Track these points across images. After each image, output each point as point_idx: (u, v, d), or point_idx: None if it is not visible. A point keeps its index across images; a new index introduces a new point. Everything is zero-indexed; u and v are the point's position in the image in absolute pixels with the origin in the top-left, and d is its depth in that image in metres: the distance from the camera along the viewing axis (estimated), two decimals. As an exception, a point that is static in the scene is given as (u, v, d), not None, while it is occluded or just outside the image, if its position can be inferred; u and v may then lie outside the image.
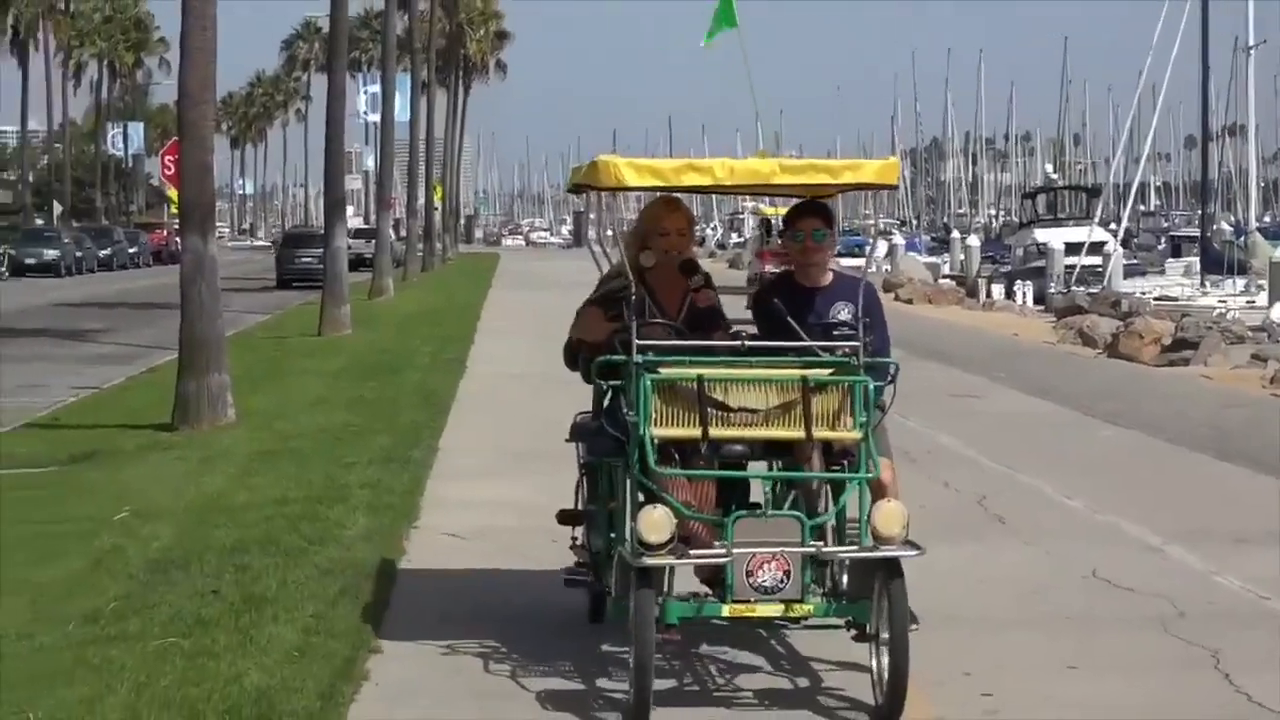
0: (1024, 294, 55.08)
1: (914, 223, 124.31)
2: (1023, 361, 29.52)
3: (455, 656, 9.14)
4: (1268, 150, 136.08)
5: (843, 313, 8.93)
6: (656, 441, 8.23)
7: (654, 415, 8.25)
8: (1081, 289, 49.92)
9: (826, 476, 8.51)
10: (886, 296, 50.56)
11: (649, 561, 7.95)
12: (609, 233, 9.31)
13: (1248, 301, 49.52)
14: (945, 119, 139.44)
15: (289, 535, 12.32)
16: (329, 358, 28.77)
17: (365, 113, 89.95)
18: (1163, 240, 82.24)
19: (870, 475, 8.33)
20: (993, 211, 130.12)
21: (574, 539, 9.85)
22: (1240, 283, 53.40)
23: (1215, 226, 68.48)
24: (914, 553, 8.07)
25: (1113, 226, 64.22)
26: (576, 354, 9.32)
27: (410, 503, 14.09)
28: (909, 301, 49.00)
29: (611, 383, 8.76)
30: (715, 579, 8.34)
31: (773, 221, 55.06)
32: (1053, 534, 13.08)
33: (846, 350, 8.52)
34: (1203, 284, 55.01)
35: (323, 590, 10.58)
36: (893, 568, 8.02)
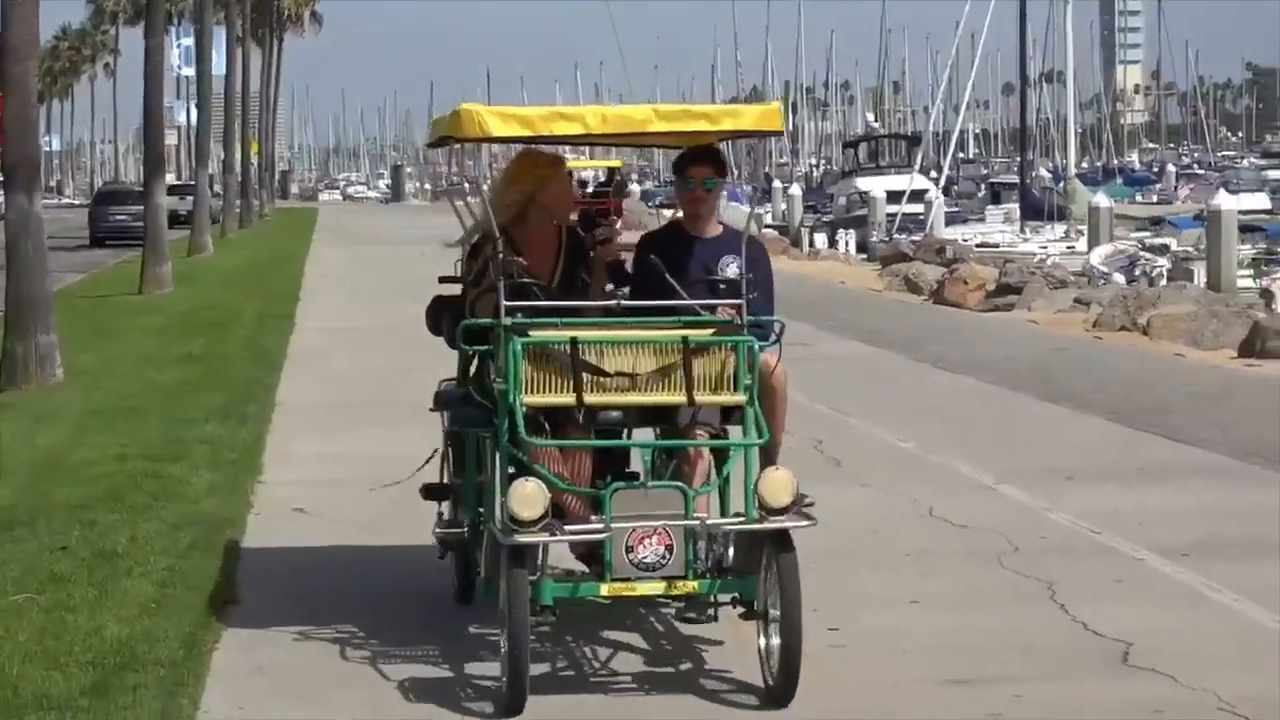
0: (847, 242, 55.76)
1: (734, 172, 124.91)
2: (851, 309, 30.03)
3: (309, 643, 8.76)
4: (1085, 96, 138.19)
5: (731, 267, 8.67)
6: (527, 410, 7.88)
7: (524, 382, 7.89)
8: (904, 237, 50.62)
9: (709, 444, 8.19)
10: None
11: (521, 539, 7.54)
12: (480, 186, 8.95)
13: (1068, 247, 50.40)
14: (765, 68, 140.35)
15: (134, 492, 12.41)
16: (154, 315, 28.66)
17: (179, 66, 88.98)
18: (983, 187, 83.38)
19: (759, 441, 8.01)
20: (814, 161, 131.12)
21: (440, 516, 9.39)
22: (1060, 228, 54.37)
23: (1034, 173, 69.67)
24: (805, 523, 7.77)
25: (933, 174, 65.09)
26: (439, 316, 9.04)
27: (252, 458, 14.22)
28: (734, 252, 49.37)
29: (478, 348, 8.42)
30: (592, 556, 7.99)
31: (575, 173, 55.50)
32: (889, 475, 13.49)
33: (730, 310, 8.29)
34: (1023, 230, 55.99)
35: (173, 545, 10.72)
36: (783, 540, 7.69)
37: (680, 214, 9.13)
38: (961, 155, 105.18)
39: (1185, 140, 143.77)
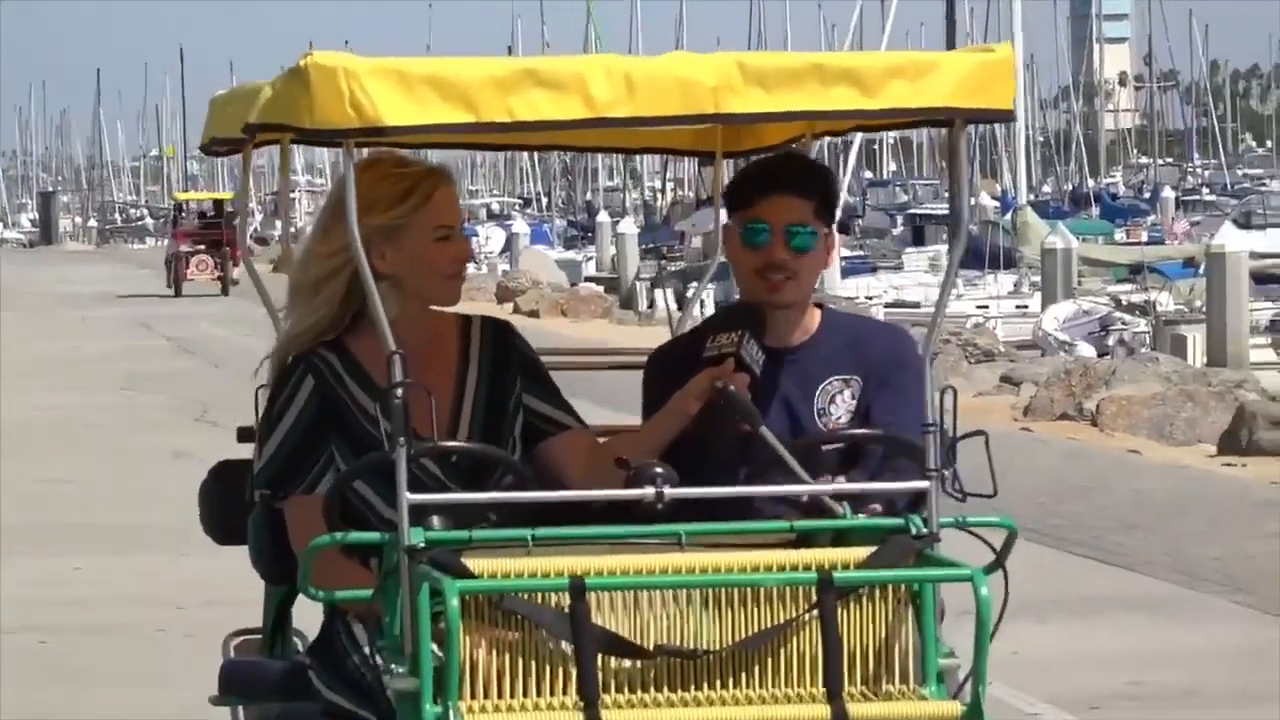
0: (702, 301, 56.37)
1: (542, 200, 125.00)
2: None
3: None
4: (1046, 90, 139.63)
5: (840, 398, 6.33)
6: None
7: (463, 673, 5.36)
8: (783, 294, 51.56)
9: None
10: (502, 310, 51.34)
11: None
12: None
13: (1018, 306, 51.02)
14: (587, 37, 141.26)
15: None
16: None
17: None
18: (899, 221, 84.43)
19: None
20: (658, 184, 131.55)
21: None
22: (1007, 279, 54.96)
23: (973, 200, 70.92)
24: None
25: (828, 202, 66.01)
26: (233, 511, 6.52)
27: None
28: (533, 314, 49.64)
29: (342, 594, 5.82)
30: None
31: (185, 205, 56.41)
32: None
33: (884, 499, 5.93)
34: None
35: None
36: None
37: (739, 295, 6.42)
38: (869, 175, 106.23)
39: (1191, 153, 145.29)
